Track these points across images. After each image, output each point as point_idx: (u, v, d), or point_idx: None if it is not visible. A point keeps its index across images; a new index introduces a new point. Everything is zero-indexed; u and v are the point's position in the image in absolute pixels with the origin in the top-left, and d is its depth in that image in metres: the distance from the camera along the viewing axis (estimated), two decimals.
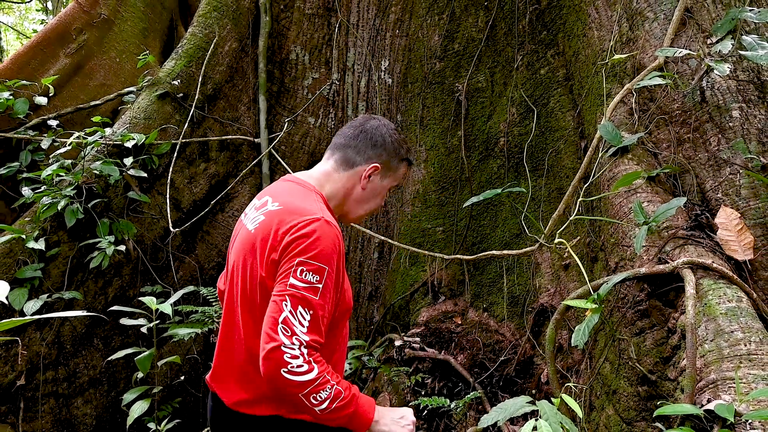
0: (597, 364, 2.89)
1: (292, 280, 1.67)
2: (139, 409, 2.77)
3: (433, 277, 4.34)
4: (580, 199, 3.06)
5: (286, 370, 1.62)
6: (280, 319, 1.64)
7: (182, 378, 3.91)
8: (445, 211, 4.53)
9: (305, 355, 1.64)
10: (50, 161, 3.86)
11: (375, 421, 1.78)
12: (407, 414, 1.86)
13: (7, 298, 3.34)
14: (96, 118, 4.10)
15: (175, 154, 4.24)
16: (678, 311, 2.42)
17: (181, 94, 4.40)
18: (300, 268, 1.68)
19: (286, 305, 1.65)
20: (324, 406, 1.66)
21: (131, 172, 3.86)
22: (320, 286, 1.69)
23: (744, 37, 2.78)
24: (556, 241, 2.89)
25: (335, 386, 1.68)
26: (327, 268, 1.70)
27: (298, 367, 1.62)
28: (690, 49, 3.00)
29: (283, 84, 5.06)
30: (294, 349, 1.63)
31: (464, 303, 4.27)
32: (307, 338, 1.65)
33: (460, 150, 4.53)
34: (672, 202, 2.51)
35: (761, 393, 1.86)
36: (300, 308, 1.66)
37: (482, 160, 4.47)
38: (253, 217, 1.90)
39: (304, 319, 1.66)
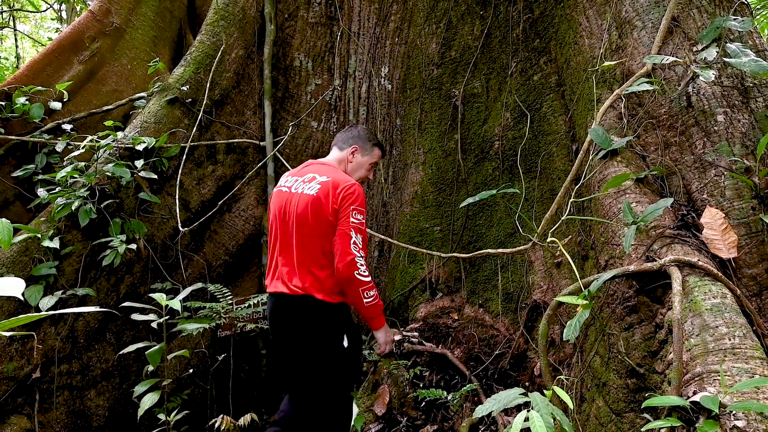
0: (588, 357, 2.89)
1: (352, 219, 2.67)
2: (149, 400, 2.77)
3: (430, 275, 4.34)
4: (571, 200, 3.07)
5: (358, 272, 2.63)
6: (351, 242, 2.64)
7: (191, 371, 3.91)
8: (443, 212, 4.53)
9: (365, 265, 2.66)
10: (64, 163, 3.86)
11: (386, 325, 2.82)
12: (391, 335, 2.90)
13: (23, 294, 3.35)
14: (108, 123, 4.11)
15: (184, 157, 4.24)
16: (665, 307, 2.42)
17: (189, 100, 4.40)
18: (354, 212, 2.69)
19: (353, 233, 2.65)
20: (369, 300, 2.68)
21: (142, 173, 3.86)
22: (364, 221, 2.72)
23: (728, 44, 2.78)
24: (549, 240, 2.90)
25: (376, 292, 2.72)
26: (364, 211, 2.74)
27: (364, 271, 2.65)
28: (677, 57, 3.00)
29: (287, 90, 5.06)
30: (361, 259, 2.65)
31: (461, 299, 4.27)
32: (364, 254, 2.67)
33: (456, 153, 4.53)
34: (659, 203, 2.51)
35: (745, 385, 1.86)
36: (359, 235, 2.67)
37: (478, 162, 4.46)
38: (308, 186, 2.80)
39: (361, 242, 2.67)
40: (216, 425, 3.16)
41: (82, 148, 3.82)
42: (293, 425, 2.88)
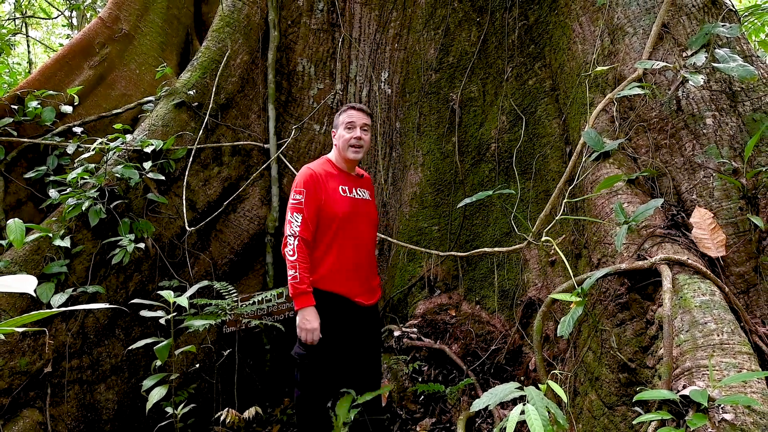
0: (581, 352, 2.89)
1: (290, 200, 2.89)
2: (157, 394, 2.77)
3: (429, 273, 4.34)
4: (565, 200, 3.07)
5: (286, 250, 2.82)
6: (286, 220, 2.86)
7: (197, 366, 3.91)
8: (441, 212, 4.53)
9: (294, 244, 2.79)
10: (75, 165, 3.86)
11: (302, 309, 2.78)
12: (313, 319, 2.78)
13: (35, 291, 3.34)
14: (117, 126, 4.11)
15: (191, 159, 4.24)
16: (656, 304, 2.43)
17: (196, 103, 4.39)
18: (293, 193, 2.90)
19: (288, 214, 2.87)
20: (290, 278, 2.78)
21: (150, 175, 3.86)
22: (303, 200, 2.85)
23: (717, 50, 2.78)
24: (543, 239, 2.90)
25: (298, 273, 2.76)
26: (304, 190, 2.87)
27: (290, 250, 2.79)
28: (667, 62, 3.00)
29: (290, 94, 5.06)
30: (290, 238, 2.82)
31: (458, 296, 4.27)
32: (297, 231, 2.81)
33: (454, 155, 4.53)
34: (650, 203, 2.51)
35: (733, 379, 1.86)
36: (295, 213, 2.84)
37: (475, 164, 4.46)
38: None
39: (297, 221, 2.83)
40: (221, 418, 3.16)
41: (92, 150, 3.82)
42: None
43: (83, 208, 3.49)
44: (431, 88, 4.75)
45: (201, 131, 4.35)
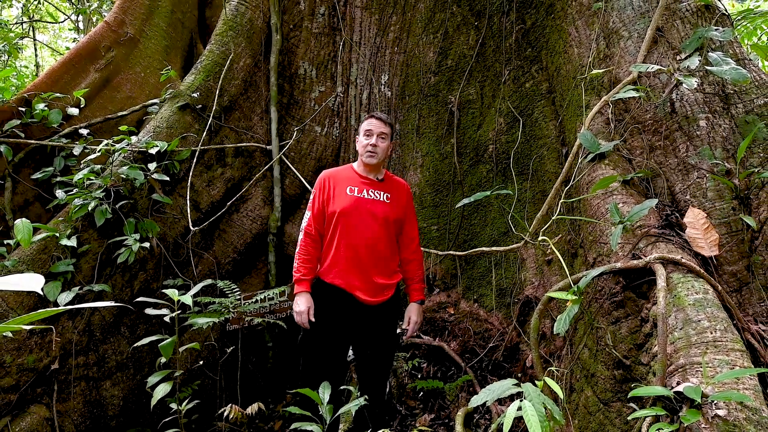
0: (577, 350, 2.89)
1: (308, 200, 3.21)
2: (162, 390, 2.76)
3: (428, 271, 4.34)
4: (561, 201, 3.07)
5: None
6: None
7: (201, 363, 3.90)
8: (439, 212, 4.53)
9: (300, 238, 3.12)
10: (81, 166, 3.85)
11: (296, 294, 3.04)
12: (302, 303, 2.99)
13: (42, 289, 3.34)
14: (123, 128, 4.10)
15: (195, 160, 4.24)
16: (650, 302, 2.43)
17: (200, 106, 4.39)
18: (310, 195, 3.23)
19: (305, 213, 3.18)
20: (292, 267, 3.09)
21: (155, 176, 3.85)
22: (312, 198, 3.17)
23: (710, 54, 2.78)
24: (540, 238, 2.90)
25: (296, 263, 3.08)
26: (315, 192, 3.18)
27: (298, 243, 3.12)
28: (661, 65, 3.00)
29: (292, 96, 5.06)
30: (300, 233, 3.14)
31: (456, 295, 4.27)
32: (304, 227, 3.13)
33: (452, 156, 4.53)
34: (645, 203, 2.51)
35: (725, 376, 1.87)
36: (307, 211, 3.16)
37: (473, 165, 4.46)
38: None
39: (306, 217, 3.14)
40: (225, 414, 3.16)
41: (98, 151, 3.82)
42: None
43: (89, 209, 3.49)
44: (430, 91, 4.75)
45: (204, 133, 4.34)
